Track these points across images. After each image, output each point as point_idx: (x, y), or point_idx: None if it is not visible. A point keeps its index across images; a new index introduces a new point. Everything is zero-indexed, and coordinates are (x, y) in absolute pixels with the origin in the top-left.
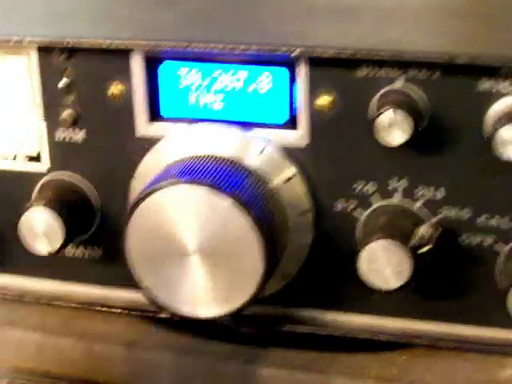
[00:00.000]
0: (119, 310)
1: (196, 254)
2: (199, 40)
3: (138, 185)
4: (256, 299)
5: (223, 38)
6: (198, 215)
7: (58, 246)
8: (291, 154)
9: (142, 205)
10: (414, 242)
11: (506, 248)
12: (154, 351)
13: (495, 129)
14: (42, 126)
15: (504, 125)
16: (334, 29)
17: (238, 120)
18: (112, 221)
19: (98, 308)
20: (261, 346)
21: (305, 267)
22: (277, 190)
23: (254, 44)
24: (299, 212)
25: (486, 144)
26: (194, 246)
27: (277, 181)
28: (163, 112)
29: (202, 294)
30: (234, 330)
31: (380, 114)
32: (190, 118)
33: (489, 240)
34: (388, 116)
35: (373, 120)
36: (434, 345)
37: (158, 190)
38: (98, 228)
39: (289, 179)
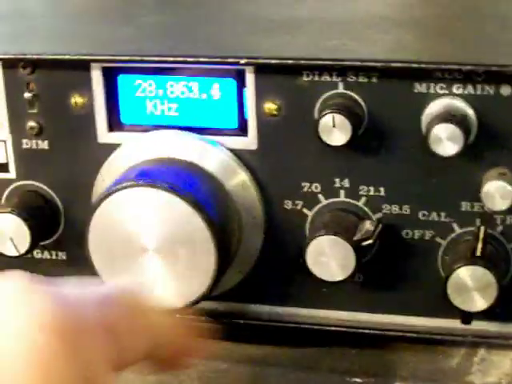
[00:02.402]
0: None
1: (153, 251)
2: (152, 53)
3: (99, 189)
4: (210, 295)
5: (174, 52)
6: (156, 216)
7: (24, 249)
8: (243, 157)
9: (102, 206)
10: (357, 237)
11: (445, 241)
12: None
13: (429, 128)
14: (8, 138)
15: (437, 124)
16: (278, 40)
17: (192, 126)
18: (75, 225)
19: None
20: (218, 340)
21: (258, 264)
22: (231, 192)
23: (203, 56)
24: (252, 215)
25: (423, 143)
26: (152, 244)
27: (230, 184)
28: (123, 120)
29: (159, 290)
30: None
31: (321, 118)
32: (148, 125)
33: (429, 234)
34: (328, 119)
35: (316, 123)
36: (382, 335)
37: (116, 191)
38: (63, 232)
39: (242, 184)
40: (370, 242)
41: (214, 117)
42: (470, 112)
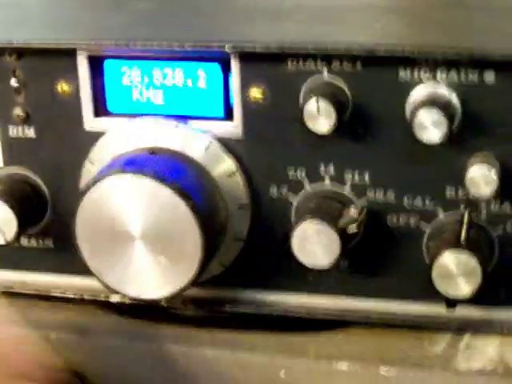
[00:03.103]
0: (72, 296)
1: (140, 239)
2: (137, 39)
3: (85, 177)
4: (196, 282)
5: (160, 38)
6: (142, 203)
7: (11, 236)
8: (229, 145)
9: (89, 194)
10: (342, 223)
11: (429, 227)
12: (105, 337)
13: (413, 114)
14: None
15: (421, 110)
16: (264, 27)
17: (178, 114)
18: (62, 213)
19: (52, 294)
20: (205, 328)
21: (244, 251)
22: (217, 181)
23: (188, 42)
24: (238, 202)
25: (407, 129)
26: (138, 232)
27: (216, 171)
28: (109, 107)
29: (146, 277)
30: (180, 314)
31: (305, 105)
32: (134, 113)
33: (413, 220)
34: (313, 106)
35: (300, 110)
36: (367, 321)
37: (103, 179)
38: (49, 220)
39: (228, 171)
40: (354, 227)
41: (200, 103)
42: (454, 98)
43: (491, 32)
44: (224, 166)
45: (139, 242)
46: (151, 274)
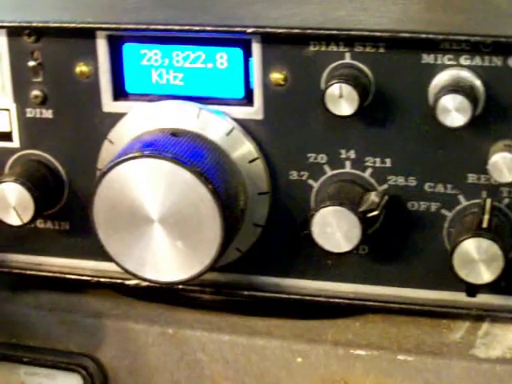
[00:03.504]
0: (89, 278)
1: (158, 222)
2: (158, 22)
3: (104, 156)
4: (214, 267)
5: (180, 20)
6: (161, 186)
7: (28, 218)
8: (248, 128)
9: (108, 177)
10: (362, 208)
11: (451, 213)
12: (122, 321)
13: (437, 98)
14: (12, 106)
15: (445, 94)
16: (285, 10)
17: (198, 96)
18: (79, 195)
19: (68, 277)
20: (221, 313)
21: (263, 235)
22: (236, 163)
23: (209, 25)
24: (257, 186)
25: (430, 114)
26: (157, 215)
27: (236, 154)
28: (128, 89)
29: (164, 261)
30: (197, 298)
31: (328, 88)
32: (154, 95)
33: (434, 206)
34: (335, 89)
35: (322, 93)
36: (386, 308)
37: (122, 162)
38: (66, 202)
39: (248, 154)
40: (375, 213)
41: (220, 86)
42: (478, 83)
43: None
44: (243, 149)
45: (158, 226)
46: (169, 258)
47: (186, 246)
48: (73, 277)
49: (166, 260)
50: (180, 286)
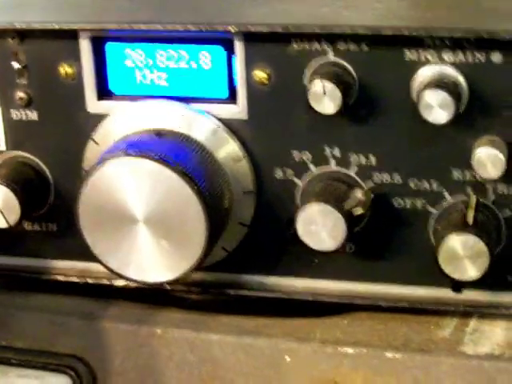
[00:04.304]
0: (77, 280)
1: (143, 222)
2: (141, 22)
3: (89, 156)
4: (200, 267)
5: (163, 20)
6: (146, 186)
7: (14, 221)
8: (233, 127)
9: (92, 177)
10: (348, 205)
11: (436, 210)
12: (110, 322)
13: (420, 95)
14: None
15: (428, 90)
16: (268, 8)
17: (182, 96)
18: (65, 196)
19: (56, 278)
20: (210, 312)
21: (249, 234)
22: (221, 162)
23: (192, 24)
24: (242, 185)
25: (414, 111)
26: (142, 215)
27: (221, 153)
28: (112, 89)
29: (150, 260)
30: (185, 298)
31: (311, 86)
32: (138, 95)
33: (420, 203)
34: (318, 87)
35: (306, 91)
36: (373, 304)
37: (106, 162)
38: (53, 203)
39: (233, 154)
40: (360, 210)
41: (204, 86)
42: (461, 79)
43: (498, 12)
44: (228, 148)
45: (143, 226)
46: (154, 258)
47: (171, 245)
48: (61, 278)
49: (152, 260)
50: (167, 286)
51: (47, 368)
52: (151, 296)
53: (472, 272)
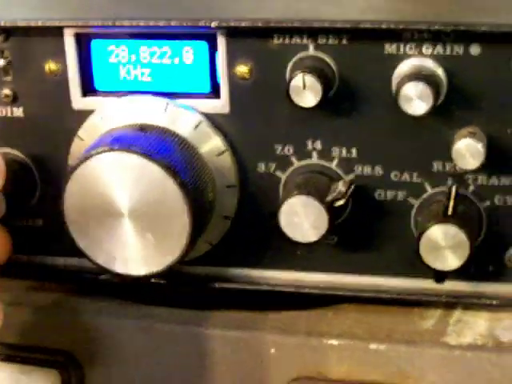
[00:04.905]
0: (63, 275)
1: (128, 216)
2: (124, 17)
3: (74, 153)
4: (184, 260)
5: (146, 15)
6: (130, 180)
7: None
8: (216, 121)
9: (77, 172)
10: (329, 197)
11: (417, 201)
12: (97, 316)
13: (399, 87)
14: None
15: (407, 82)
16: (250, 3)
17: (165, 91)
18: (51, 191)
19: (43, 273)
20: (194, 306)
21: (233, 227)
22: (204, 157)
23: (174, 19)
24: (226, 179)
25: (394, 103)
26: (126, 208)
27: (204, 148)
28: (97, 86)
29: (134, 254)
30: (173, 294)
31: (292, 80)
32: (122, 91)
33: (401, 195)
34: (299, 81)
35: (287, 85)
36: (356, 296)
37: (91, 157)
38: (39, 199)
39: (216, 148)
40: (342, 202)
41: (187, 81)
42: (440, 72)
43: (476, 5)
44: (211, 143)
45: (127, 219)
46: (139, 251)
47: (155, 238)
48: (47, 273)
49: (136, 253)
50: (152, 280)
51: (35, 363)
52: (137, 290)
53: (453, 262)
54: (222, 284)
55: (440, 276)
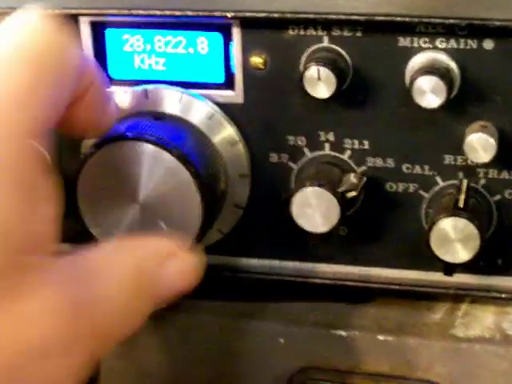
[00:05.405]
0: None
1: (140, 204)
2: (139, 6)
3: (87, 144)
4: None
5: (162, 5)
6: (144, 169)
7: None
8: (229, 111)
9: (91, 160)
10: (341, 189)
11: (428, 194)
12: None
13: (412, 80)
14: None
15: (420, 76)
16: None
17: (180, 81)
18: (65, 181)
19: None
20: (204, 295)
21: (244, 217)
22: (217, 146)
23: (190, 10)
24: (238, 169)
25: (407, 96)
26: (139, 196)
27: (217, 137)
28: (111, 74)
29: None
30: None
31: (306, 71)
32: (136, 80)
33: (412, 187)
34: (313, 72)
35: (301, 76)
36: (366, 288)
37: (105, 144)
38: None
39: (229, 138)
40: (353, 194)
41: (201, 71)
42: (453, 65)
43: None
44: (224, 132)
45: (140, 208)
46: None
47: (168, 226)
48: None
49: None
50: None
51: None
52: None
53: (463, 255)
54: (232, 273)
55: (449, 268)
